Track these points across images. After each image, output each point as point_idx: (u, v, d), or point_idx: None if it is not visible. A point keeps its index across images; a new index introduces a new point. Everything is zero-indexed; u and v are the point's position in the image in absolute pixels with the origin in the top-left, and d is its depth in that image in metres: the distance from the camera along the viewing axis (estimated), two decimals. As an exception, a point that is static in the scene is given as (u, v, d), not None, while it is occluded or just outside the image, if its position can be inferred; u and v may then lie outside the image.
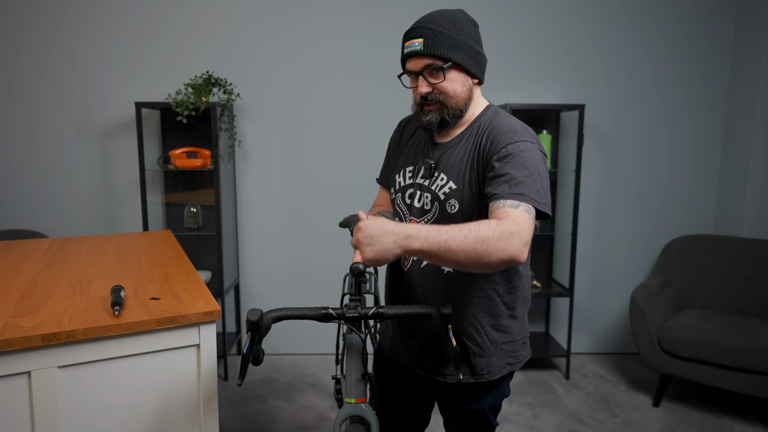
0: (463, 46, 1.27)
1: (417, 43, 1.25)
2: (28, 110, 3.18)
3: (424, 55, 1.25)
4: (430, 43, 1.24)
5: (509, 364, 1.42)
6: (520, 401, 2.87)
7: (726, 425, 2.63)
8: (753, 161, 3.11)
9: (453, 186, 1.31)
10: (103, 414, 1.34)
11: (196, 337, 1.40)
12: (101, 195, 3.27)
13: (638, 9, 3.23)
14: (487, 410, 1.44)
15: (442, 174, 1.33)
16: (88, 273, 1.76)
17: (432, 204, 1.34)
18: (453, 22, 1.27)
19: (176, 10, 3.13)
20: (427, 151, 1.39)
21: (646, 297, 2.84)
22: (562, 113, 3.27)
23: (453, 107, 1.30)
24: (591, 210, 3.39)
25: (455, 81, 1.28)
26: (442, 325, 1.15)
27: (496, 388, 1.43)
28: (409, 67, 1.29)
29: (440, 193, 1.32)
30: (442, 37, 1.25)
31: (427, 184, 1.35)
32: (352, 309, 1.29)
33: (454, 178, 1.31)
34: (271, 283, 3.39)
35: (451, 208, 1.30)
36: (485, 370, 1.38)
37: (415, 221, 1.37)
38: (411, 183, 1.40)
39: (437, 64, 1.25)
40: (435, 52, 1.24)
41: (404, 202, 1.40)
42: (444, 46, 1.25)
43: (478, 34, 1.32)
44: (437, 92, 1.28)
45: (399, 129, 1.53)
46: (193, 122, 3.16)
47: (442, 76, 1.26)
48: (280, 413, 2.73)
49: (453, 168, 1.32)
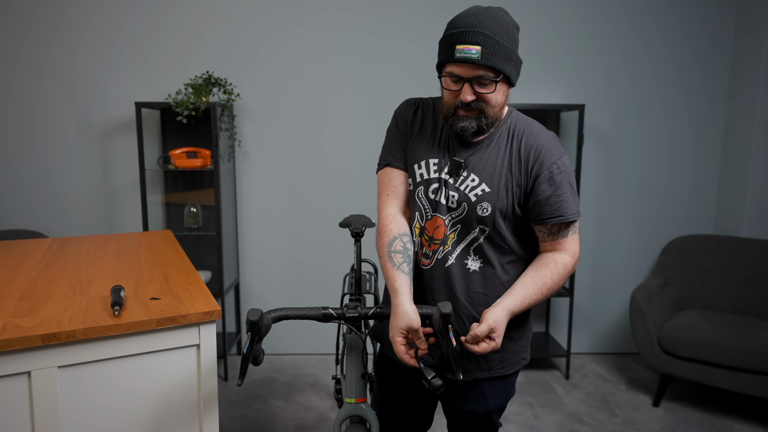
0: (513, 57, 1.23)
1: (474, 51, 1.18)
2: (28, 110, 3.18)
3: (480, 65, 1.19)
4: (489, 53, 1.18)
5: (522, 359, 1.44)
6: (520, 401, 2.87)
7: (726, 425, 2.63)
8: (753, 161, 3.10)
9: (486, 189, 1.29)
10: (103, 414, 1.34)
11: (196, 337, 1.40)
12: (101, 195, 3.27)
13: (638, 9, 3.23)
14: (493, 411, 1.44)
15: (473, 175, 1.30)
16: (88, 273, 1.76)
17: (459, 204, 1.31)
18: (505, 29, 1.21)
19: (176, 10, 3.13)
20: (453, 147, 1.33)
21: (646, 297, 2.84)
22: (562, 113, 3.27)
23: (492, 117, 1.27)
24: (591, 210, 3.39)
25: (500, 92, 1.26)
26: (442, 325, 1.15)
27: (504, 387, 1.43)
28: (458, 72, 1.22)
29: (471, 195, 1.30)
30: (499, 47, 1.19)
31: (453, 182, 1.32)
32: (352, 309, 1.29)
33: (487, 181, 1.29)
34: (271, 283, 3.39)
35: (483, 212, 1.29)
36: (500, 365, 1.39)
37: (441, 218, 1.33)
38: (437, 177, 1.33)
39: (490, 76, 1.21)
40: (492, 64, 1.19)
41: (427, 196, 1.34)
42: (501, 58, 1.20)
43: (518, 38, 1.28)
44: (481, 102, 1.24)
45: (411, 109, 1.41)
46: (193, 122, 3.16)
47: (493, 87, 1.22)
48: (280, 413, 2.73)
49: (486, 170, 1.30)
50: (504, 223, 1.30)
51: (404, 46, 3.21)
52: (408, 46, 3.21)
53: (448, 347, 1.16)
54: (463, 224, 1.32)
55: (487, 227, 1.30)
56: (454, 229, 1.32)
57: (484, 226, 1.30)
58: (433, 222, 1.34)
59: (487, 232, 1.31)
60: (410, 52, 3.21)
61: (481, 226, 1.30)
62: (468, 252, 1.33)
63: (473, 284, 1.34)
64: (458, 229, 1.32)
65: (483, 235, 1.31)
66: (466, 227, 1.32)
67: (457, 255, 1.33)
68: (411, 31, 3.20)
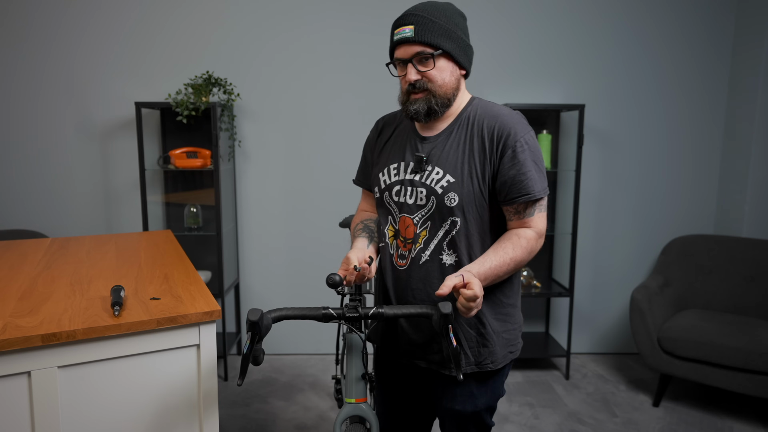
0: (453, 36, 1.28)
1: (408, 30, 1.25)
2: (29, 110, 3.18)
3: (414, 42, 1.25)
4: (421, 30, 1.24)
5: (510, 352, 1.43)
6: (520, 401, 2.87)
7: (726, 425, 2.63)
8: (753, 161, 3.11)
9: (451, 179, 1.31)
10: (103, 414, 1.34)
11: (196, 337, 1.40)
12: (101, 195, 3.27)
13: (638, 9, 3.23)
14: (482, 411, 1.44)
15: (436, 168, 1.32)
16: (88, 273, 1.76)
17: (428, 198, 1.33)
18: (443, 11, 1.28)
19: (176, 10, 3.14)
20: (414, 145, 1.37)
21: (646, 297, 2.84)
22: (562, 113, 3.27)
23: (441, 96, 1.30)
24: (591, 210, 3.39)
25: (444, 70, 1.29)
26: (442, 324, 1.15)
27: (493, 387, 1.43)
28: (398, 54, 1.29)
29: (437, 187, 1.32)
30: (433, 25, 1.25)
31: (419, 178, 1.34)
32: (352, 309, 1.29)
33: (451, 172, 1.31)
34: (271, 283, 3.39)
35: (451, 202, 1.30)
36: (489, 360, 1.38)
37: (408, 218, 1.36)
38: (399, 180, 1.38)
39: (427, 52, 1.25)
40: (426, 39, 1.24)
41: (393, 199, 1.39)
42: (434, 33, 1.25)
43: (466, 26, 1.33)
44: (425, 80, 1.28)
45: (377, 128, 1.51)
46: (193, 122, 3.16)
47: (432, 63, 1.27)
48: (280, 413, 2.73)
49: (449, 161, 1.32)
50: (474, 211, 1.31)
51: (404, 46, 3.20)
52: (408, 46, 3.20)
53: (448, 347, 1.15)
54: (433, 219, 1.33)
55: (458, 218, 1.31)
56: (425, 226, 1.34)
57: (455, 217, 1.31)
58: (402, 222, 1.38)
59: (459, 223, 1.31)
60: (410, 52, 3.21)
61: (452, 218, 1.31)
62: (441, 247, 1.34)
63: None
64: (428, 225, 1.34)
65: (455, 228, 1.32)
66: (436, 222, 1.33)
67: (430, 252, 1.35)
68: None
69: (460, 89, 1.35)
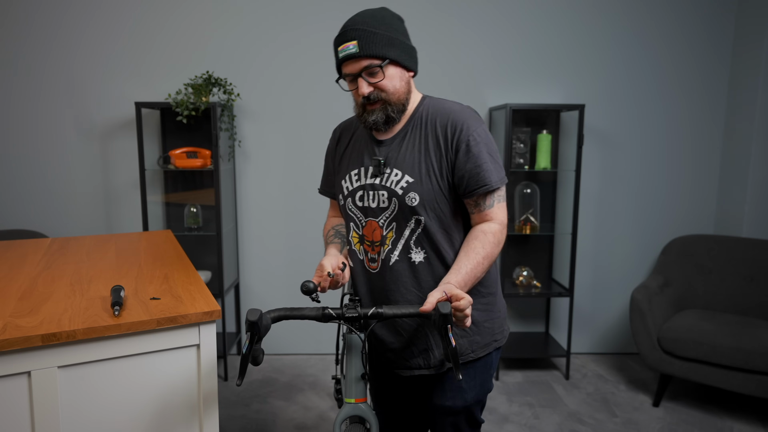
0: (396, 42, 1.29)
1: (352, 46, 1.26)
2: (28, 110, 3.18)
3: (361, 57, 1.26)
4: (365, 43, 1.25)
5: (495, 340, 1.44)
6: (520, 401, 2.87)
7: (726, 425, 2.63)
8: (753, 161, 3.11)
9: (410, 179, 1.33)
10: (103, 414, 1.34)
11: (196, 337, 1.40)
12: (101, 195, 3.27)
13: (638, 9, 3.23)
14: (472, 405, 1.45)
15: (395, 170, 1.34)
16: (88, 273, 1.76)
17: (390, 201, 1.35)
18: (381, 20, 1.28)
19: (176, 10, 3.14)
20: (372, 150, 1.39)
21: (646, 297, 2.84)
22: (562, 113, 3.27)
23: (395, 103, 1.32)
24: (591, 210, 3.39)
25: (394, 77, 1.31)
26: (442, 324, 1.15)
27: (481, 379, 1.45)
28: (346, 70, 1.30)
29: (397, 189, 1.34)
30: (375, 36, 1.26)
31: (379, 182, 1.36)
32: (352, 309, 1.29)
33: (409, 172, 1.33)
34: (271, 283, 3.39)
35: (412, 201, 1.32)
36: (470, 350, 1.40)
37: (374, 221, 1.38)
38: (360, 185, 1.40)
39: (375, 64, 1.27)
40: (371, 52, 1.26)
41: (356, 205, 1.41)
42: (378, 44, 1.26)
43: (405, 28, 1.35)
44: (378, 91, 1.30)
45: (335, 137, 1.53)
46: (193, 122, 3.16)
47: (381, 74, 1.28)
48: (280, 413, 2.73)
49: (406, 162, 1.34)
50: (437, 208, 1.33)
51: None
52: (408, 46, 3.21)
53: (447, 347, 1.15)
54: (397, 220, 1.35)
55: (421, 216, 1.33)
56: (390, 227, 1.36)
57: (418, 215, 1.33)
58: (368, 227, 1.39)
59: (423, 221, 1.33)
60: (410, 52, 3.21)
61: (416, 216, 1.33)
62: (410, 246, 1.35)
63: (422, 276, 1.36)
64: (394, 226, 1.36)
65: (420, 226, 1.34)
66: (401, 222, 1.35)
67: (399, 251, 1.36)
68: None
69: (412, 91, 1.38)
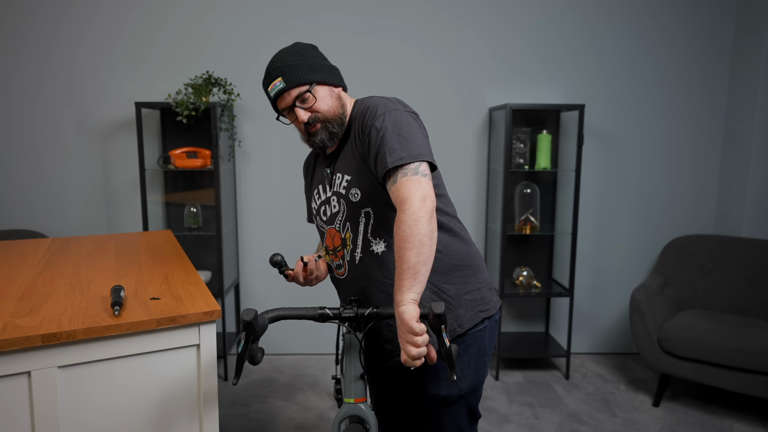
0: (316, 66, 1.38)
1: (278, 83, 1.36)
2: (28, 110, 3.18)
3: (289, 88, 1.36)
4: (289, 77, 1.36)
5: (480, 311, 1.45)
6: (520, 401, 2.87)
7: (726, 425, 2.63)
8: (753, 161, 3.10)
9: (348, 177, 1.39)
10: (103, 414, 1.34)
11: (196, 337, 1.41)
12: (101, 195, 3.27)
13: (638, 9, 3.23)
14: (467, 394, 1.46)
15: (338, 174, 1.43)
16: (88, 273, 1.76)
17: (339, 203, 1.42)
18: (296, 53, 1.39)
19: (176, 10, 3.14)
20: (325, 166, 1.49)
21: (646, 297, 2.84)
22: (562, 113, 3.27)
23: (333, 119, 1.39)
24: (591, 210, 3.39)
25: (325, 97, 1.38)
26: (436, 325, 1.15)
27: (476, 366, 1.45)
28: (281, 105, 1.39)
29: (341, 189, 1.41)
30: (295, 67, 1.36)
31: (331, 190, 1.44)
32: (349, 309, 1.30)
33: (347, 171, 1.40)
34: (271, 283, 3.39)
35: (355, 197, 1.38)
36: (455, 324, 1.42)
37: (332, 228, 1.45)
38: (321, 201, 1.48)
39: (303, 90, 1.36)
40: (296, 81, 1.35)
41: (322, 219, 1.49)
42: (301, 73, 1.36)
43: (320, 53, 1.44)
44: (315, 113, 1.37)
45: (305, 170, 1.64)
46: (193, 122, 3.16)
47: (312, 98, 1.37)
48: (280, 413, 2.73)
49: (345, 164, 1.41)
50: (378, 198, 1.36)
51: (404, 47, 3.21)
52: (408, 47, 3.21)
53: (441, 347, 1.15)
54: (350, 219, 1.40)
55: (368, 208, 1.37)
56: (346, 228, 1.42)
57: (365, 208, 1.38)
58: (328, 236, 1.46)
59: (371, 212, 1.37)
60: (410, 54, 3.21)
61: (363, 210, 1.38)
62: (368, 239, 1.39)
63: (388, 264, 1.38)
64: (348, 226, 1.41)
65: (371, 218, 1.38)
66: (352, 220, 1.40)
67: (360, 248, 1.40)
68: (411, 33, 3.20)
69: (346, 104, 1.44)
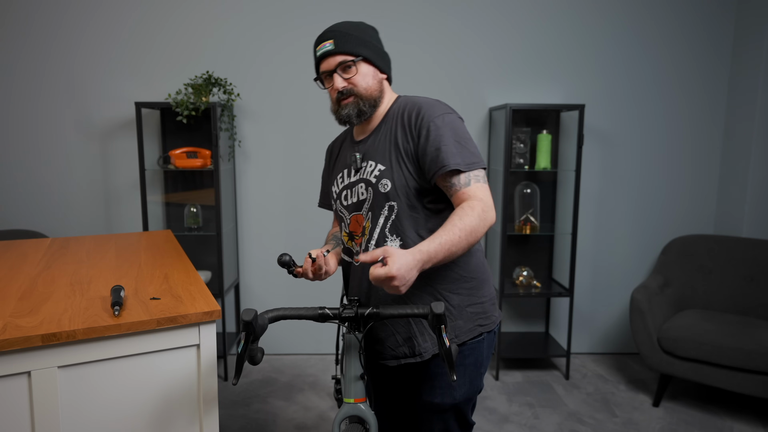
0: (369, 44, 1.41)
1: (328, 44, 1.38)
2: (28, 110, 3.18)
3: (336, 53, 1.37)
4: (340, 42, 1.37)
5: (480, 325, 1.44)
6: (520, 401, 2.87)
7: (726, 425, 2.63)
8: (753, 161, 3.10)
9: (381, 167, 1.39)
10: (103, 414, 1.34)
11: (196, 337, 1.41)
12: (101, 195, 3.27)
13: (638, 9, 3.23)
14: (461, 403, 1.45)
15: (369, 161, 1.42)
16: (88, 273, 1.76)
17: (366, 190, 1.41)
18: (356, 26, 1.41)
19: (176, 10, 3.14)
20: (353, 151, 1.48)
21: (646, 297, 2.84)
22: (562, 113, 3.27)
23: (367, 98, 1.40)
24: (591, 210, 3.39)
25: (366, 75, 1.40)
26: (435, 325, 1.15)
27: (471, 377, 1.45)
28: (323, 68, 1.41)
29: (371, 177, 1.40)
30: (350, 37, 1.38)
31: (359, 176, 1.44)
32: (349, 309, 1.29)
33: (381, 161, 1.40)
34: (271, 284, 3.39)
35: (384, 188, 1.37)
36: (453, 334, 1.41)
37: (359, 215, 1.43)
38: (345, 185, 1.48)
39: (348, 60, 1.37)
40: (345, 49, 1.37)
41: (343, 204, 1.48)
42: (352, 43, 1.38)
43: (379, 38, 1.47)
44: (351, 86, 1.39)
45: (328, 154, 1.64)
46: (193, 122, 3.16)
47: (355, 70, 1.38)
48: (280, 413, 2.73)
49: (378, 152, 1.41)
50: (409, 193, 1.36)
51: (404, 46, 3.21)
52: (407, 46, 3.21)
53: (441, 347, 1.15)
54: (373, 209, 1.40)
55: (394, 202, 1.37)
56: (368, 217, 1.42)
57: (391, 202, 1.38)
58: (353, 222, 1.46)
59: (396, 207, 1.37)
60: (410, 53, 3.21)
61: (389, 203, 1.38)
62: (385, 234, 1.39)
63: None
64: (370, 215, 1.41)
65: (393, 213, 1.38)
66: (376, 210, 1.40)
67: (375, 240, 1.40)
68: (411, 31, 3.21)
69: (385, 91, 1.46)
